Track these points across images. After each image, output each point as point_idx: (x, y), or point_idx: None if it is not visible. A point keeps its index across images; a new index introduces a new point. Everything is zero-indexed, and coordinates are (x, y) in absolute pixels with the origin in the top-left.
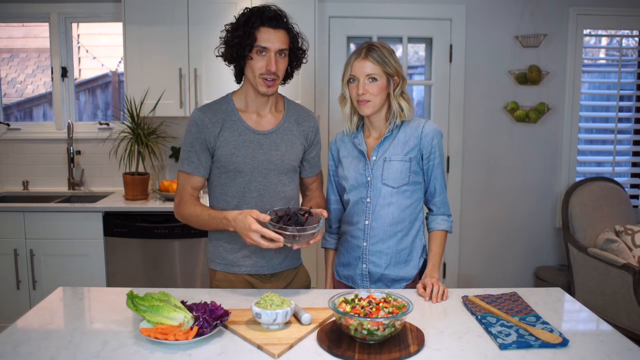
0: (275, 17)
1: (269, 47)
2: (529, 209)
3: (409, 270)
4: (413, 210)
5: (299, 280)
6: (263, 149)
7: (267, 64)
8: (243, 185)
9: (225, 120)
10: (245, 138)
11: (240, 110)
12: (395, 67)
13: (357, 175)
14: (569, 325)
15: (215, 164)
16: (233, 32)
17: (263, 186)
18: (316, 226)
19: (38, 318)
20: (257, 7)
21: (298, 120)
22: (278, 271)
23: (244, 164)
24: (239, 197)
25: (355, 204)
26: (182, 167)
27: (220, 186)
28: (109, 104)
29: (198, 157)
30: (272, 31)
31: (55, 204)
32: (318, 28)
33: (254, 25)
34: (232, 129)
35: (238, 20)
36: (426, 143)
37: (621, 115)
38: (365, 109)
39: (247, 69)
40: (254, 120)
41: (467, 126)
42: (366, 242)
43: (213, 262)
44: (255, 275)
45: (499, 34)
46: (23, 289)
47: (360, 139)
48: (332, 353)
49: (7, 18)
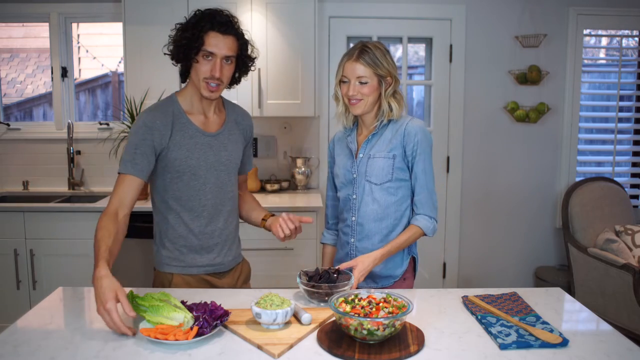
0: (226, 23)
1: (216, 53)
2: (529, 209)
3: (396, 267)
4: (398, 207)
5: (246, 271)
6: (213, 150)
7: (212, 69)
8: (198, 188)
9: (175, 123)
10: (196, 140)
11: (187, 112)
12: (387, 68)
13: (346, 172)
14: (569, 325)
15: (166, 169)
16: (182, 33)
17: (216, 187)
18: (347, 283)
19: (38, 318)
20: (209, 10)
21: (237, 119)
22: (231, 267)
23: (198, 166)
24: (195, 200)
25: (344, 200)
26: (124, 169)
27: (172, 191)
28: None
29: (142, 159)
30: (220, 37)
31: (55, 204)
32: (318, 28)
33: (203, 29)
34: (183, 132)
35: (188, 21)
36: (409, 140)
37: (621, 115)
38: (356, 109)
39: (192, 70)
40: (201, 122)
41: (467, 126)
42: (353, 238)
43: (168, 265)
44: (213, 274)
45: (499, 34)
46: (23, 289)
47: (353, 137)
48: (332, 353)
49: (7, 18)
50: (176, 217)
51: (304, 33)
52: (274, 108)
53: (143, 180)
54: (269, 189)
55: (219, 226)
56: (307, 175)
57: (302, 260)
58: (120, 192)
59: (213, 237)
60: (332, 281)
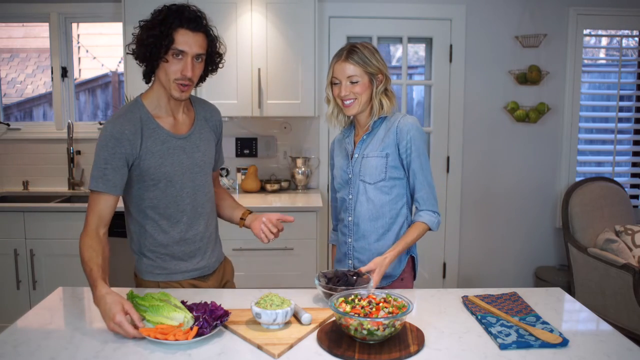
0: (195, 19)
1: (187, 51)
2: (529, 209)
3: (393, 267)
4: (393, 206)
5: (229, 270)
6: (186, 153)
7: (182, 68)
8: (175, 194)
9: (144, 129)
10: (168, 145)
11: (155, 116)
12: (377, 66)
13: (342, 173)
14: (569, 325)
15: (140, 178)
16: (148, 30)
17: (193, 190)
18: (366, 286)
19: (38, 318)
20: (175, 5)
21: (206, 116)
22: (215, 269)
23: (173, 172)
24: (172, 207)
25: (341, 201)
26: (96, 186)
27: (149, 199)
28: (109, 104)
29: (114, 174)
30: (190, 34)
31: (55, 204)
32: (318, 28)
33: (171, 26)
34: (154, 138)
35: (154, 17)
36: (402, 138)
37: (621, 115)
38: (350, 110)
39: (160, 71)
40: (171, 125)
41: (467, 126)
42: (350, 238)
43: (152, 273)
44: (198, 278)
45: (499, 34)
46: (23, 289)
47: (350, 138)
48: (332, 353)
49: (7, 18)
50: (154, 226)
51: (304, 33)
52: (274, 108)
53: (118, 196)
54: (268, 189)
55: (200, 230)
56: (307, 175)
57: (302, 260)
58: (97, 211)
59: (195, 242)
60: (350, 284)
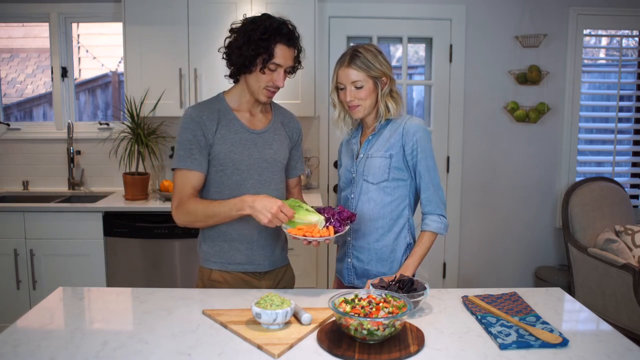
0: (292, 36)
1: (282, 65)
2: (529, 209)
3: (392, 267)
4: (395, 207)
5: (288, 277)
6: (257, 147)
7: (276, 78)
8: (239, 181)
9: (221, 118)
10: (241, 136)
11: (234, 110)
12: (380, 69)
13: (347, 173)
14: (569, 325)
15: (211, 162)
16: (248, 42)
17: (258, 183)
18: (424, 293)
19: (38, 318)
20: (275, 20)
21: (284, 121)
22: (272, 269)
23: (240, 161)
24: (235, 193)
25: (344, 200)
26: (184, 164)
27: (215, 184)
28: (109, 104)
29: (200, 153)
30: (287, 49)
31: (55, 204)
32: (318, 28)
33: (272, 42)
34: (228, 127)
35: (254, 30)
36: (408, 139)
37: (621, 115)
38: (357, 114)
39: (251, 76)
40: (247, 119)
41: (467, 126)
42: (350, 236)
43: (208, 261)
44: (251, 273)
45: (499, 34)
46: (23, 289)
47: (357, 138)
48: (332, 353)
49: (7, 18)
50: None
51: (304, 33)
52: None
53: (200, 173)
54: None
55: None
56: (307, 175)
57: (302, 260)
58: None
59: (253, 234)
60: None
